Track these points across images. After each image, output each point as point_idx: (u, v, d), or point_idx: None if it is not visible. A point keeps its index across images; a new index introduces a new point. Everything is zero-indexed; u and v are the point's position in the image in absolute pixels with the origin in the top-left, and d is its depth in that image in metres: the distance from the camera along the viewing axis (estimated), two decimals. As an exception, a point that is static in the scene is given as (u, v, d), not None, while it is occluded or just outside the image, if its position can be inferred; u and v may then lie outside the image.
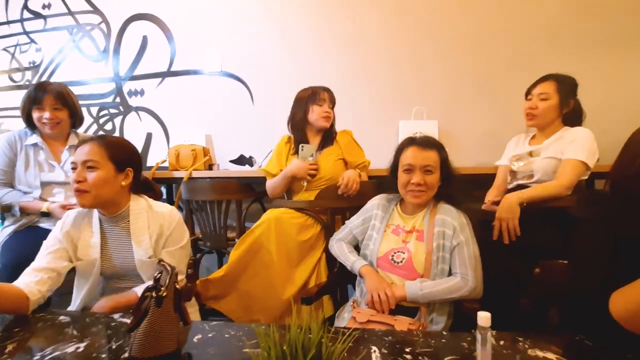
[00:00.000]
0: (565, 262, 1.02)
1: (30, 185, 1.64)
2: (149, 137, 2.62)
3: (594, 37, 2.13)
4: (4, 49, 2.78)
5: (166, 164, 2.28)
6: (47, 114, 1.62)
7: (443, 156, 1.22)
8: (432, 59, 2.30)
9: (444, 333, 0.82)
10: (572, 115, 1.52)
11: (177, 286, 0.73)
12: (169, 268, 0.78)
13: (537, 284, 1.07)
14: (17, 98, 2.76)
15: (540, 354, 0.71)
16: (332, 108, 1.77)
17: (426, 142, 1.22)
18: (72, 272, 1.13)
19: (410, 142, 1.25)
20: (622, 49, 2.11)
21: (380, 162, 2.18)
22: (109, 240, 1.13)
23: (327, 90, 1.77)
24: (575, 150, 1.40)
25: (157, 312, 0.67)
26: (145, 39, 2.58)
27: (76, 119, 1.74)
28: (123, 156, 1.12)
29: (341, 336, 0.57)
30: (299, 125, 1.75)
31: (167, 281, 0.71)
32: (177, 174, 2.14)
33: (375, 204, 1.34)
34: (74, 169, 1.09)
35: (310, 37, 2.40)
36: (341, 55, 2.38)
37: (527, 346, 0.73)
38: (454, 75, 2.28)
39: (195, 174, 2.11)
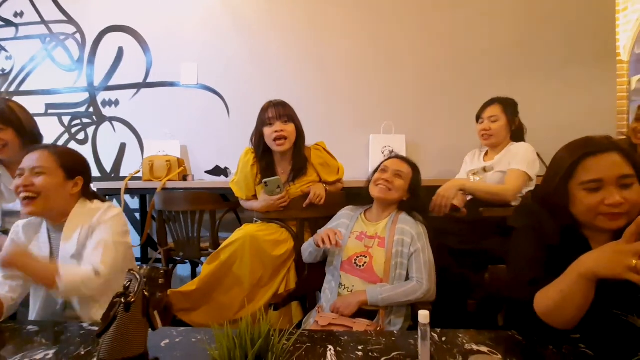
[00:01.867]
0: (508, 266, 1.14)
1: None
2: (122, 147, 2.61)
3: (541, 61, 2.35)
4: (-28, 56, 2.72)
5: (140, 175, 2.29)
6: None
7: (416, 176, 1.39)
8: (401, 76, 2.44)
9: (395, 332, 0.91)
10: (517, 131, 1.72)
11: (146, 293, 0.77)
12: (138, 276, 0.83)
13: (484, 287, 1.18)
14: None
15: (475, 347, 0.80)
16: (289, 122, 1.58)
17: (407, 159, 1.42)
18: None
19: (395, 156, 1.44)
20: (563, 72, 2.33)
21: (351, 173, 2.30)
22: (56, 251, 1.10)
23: (277, 104, 1.59)
24: (518, 162, 1.58)
25: (125, 317, 0.71)
26: (121, 50, 2.60)
27: (26, 136, 1.46)
28: (73, 164, 1.12)
29: (294, 335, 0.64)
30: (258, 151, 1.62)
31: (136, 288, 0.76)
32: (151, 185, 2.15)
33: (342, 214, 1.45)
34: (20, 175, 1.05)
35: (284, 52, 2.50)
36: (313, 71, 2.49)
37: (465, 341, 0.83)
38: (421, 92, 2.43)
39: (169, 185, 2.14)
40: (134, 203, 2.60)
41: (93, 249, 1.05)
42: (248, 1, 2.50)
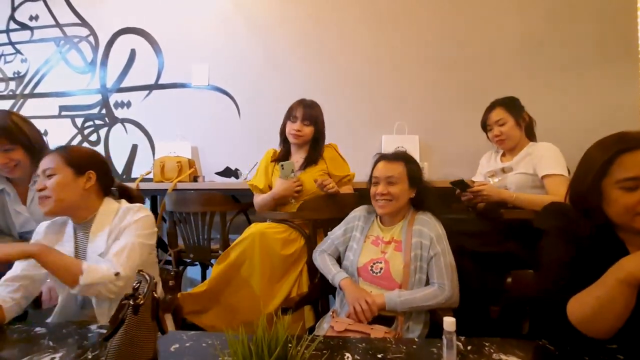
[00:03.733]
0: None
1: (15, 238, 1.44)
2: (134, 148, 2.62)
3: (559, 61, 2.27)
4: (-11, 59, 2.77)
5: (151, 176, 2.29)
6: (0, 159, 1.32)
7: (410, 168, 1.28)
8: (415, 76, 2.39)
9: (416, 340, 0.86)
10: (528, 127, 1.67)
11: (156, 295, 0.74)
12: (147, 277, 0.80)
13: (507, 292, 1.12)
14: (1, 107, 2.75)
15: (504, 357, 0.74)
16: (310, 125, 1.72)
17: (394, 156, 1.30)
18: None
19: (381, 157, 1.33)
20: (585, 71, 2.25)
21: (364, 175, 2.25)
22: (81, 250, 1.11)
23: (305, 105, 1.73)
24: (551, 166, 1.49)
25: (134, 320, 0.68)
26: (133, 52, 2.61)
27: (35, 153, 1.38)
28: (80, 159, 1.12)
29: (313, 343, 0.60)
30: (281, 138, 1.81)
31: (146, 289, 0.73)
32: (162, 186, 2.14)
33: (356, 215, 1.38)
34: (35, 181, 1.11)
35: (295, 53, 2.47)
36: (325, 71, 2.45)
37: (492, 350, 0.77)
38: (435, 92, 2.38)
39: (180, 186, 2.12)
40: (145, 204, 2.59)
41: (119, 251, 1.04)
42: (260, 2, 2.49)
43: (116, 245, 1.04)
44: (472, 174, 1.89)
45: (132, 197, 1.24)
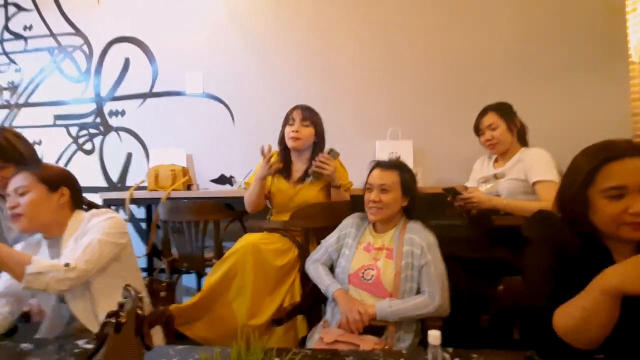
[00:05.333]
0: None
1: None
2: (129, 157, 2.62)
3: (551, 66, 2.28)
4: (-18, 70, 2.77)
5: (145, 184, 2.28)
6: None
7: (404, 177, 1.29)
8: (408, 81, 2.39)
9: (403, 352, 0.85)
10: (520, 132, 1.67)
11: (140, 312, 0.74)
12: (133, 293, 0.79)
13: (498, 300, 1.12)
14: (-6, 118, 2.76)
15: (490, 370, 0.74)
16: (310, 126, 1.68)
17: (388, 164, 1.32)
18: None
19: (376, 164, 1.33)
20: (574, 75, 2.26)
21: (357, 181, 2.25)
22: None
23: (301, 107, 1.71)
24: (542, 172, 1.50)
25: (116, 338, 0.68)
26: (127, 60, 2.62)
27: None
28: (53, 176, 1.14)
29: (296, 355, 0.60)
30: (281, 148, 1.76)
31: (129, 306, 0.72)
32: (156, 195, 2.14)
33: (349, 223, 1.39)
34: (8, 197, 1.11)
35: (288, 60, 2.48)
36: (318, 77, 2.46)
37: (479, 363, 0.77)
38: (429, 97, 2.38)
39: (174, 194, 2.12)
40: (140, 212, 2.59)
41: (78, 247, 1.04)
42: (253, 9, 2.50)
43: (78, 244, 1.05)
44: (467, 179, 1.89)
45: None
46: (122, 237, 1.12)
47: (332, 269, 1.37)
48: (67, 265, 0.96)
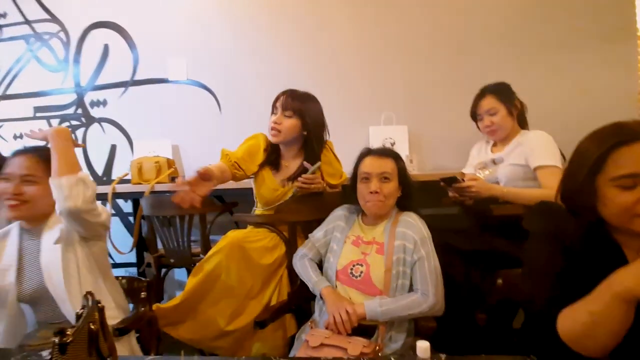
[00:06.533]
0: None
1: None
2: (113, 149, 2.51)
3: (554, 41, 2.15)
4: (-44, 60, 2.64)
5: (129, 177, 2.19)
6: None
7: (400, 165, 1.20)
8: (401, 64, 2.28)
9: (392, 359, 0.78)
10: (520, 114, 1.56)
11: (93, 327, 0.66)
12: (90, 303, 0.71)
13: (496, 294, 1.04)
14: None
15: (487, 381, 0.67)
16: (294, 117, 1.47)
17: (382, 151, 1.23)
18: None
19: (368, 152, 1.24)
20: (579, 52, 2.13)
21: (348, 169, 2.15)
22: (25, 258, 1.07)
23: (288, 93, 1.51)
24: (543, 157, 1.40)
25: (61, 359, 0.60)
26: (106, 47, 2.48)
27: None
28: None
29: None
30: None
31: (81, 322, 0.64)
32: (141, 188, 2.05)
33: (337, 215, 1.31)
34: (6, 180, 1.04)
35: (278, 43, 2.35)
36: (308, 61, 2.34)
37: (474, 372, 0.70)
38: (424, 80, 2.27)
39: (158, 188, 2.03)
40: (127, 206, 2.51)
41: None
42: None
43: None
44: (464, 165, 1.80)
45: None
46: (106, 213, 1.13)
47: (321, 264, 1.30)
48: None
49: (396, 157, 1.22)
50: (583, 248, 0.74)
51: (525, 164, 1.44)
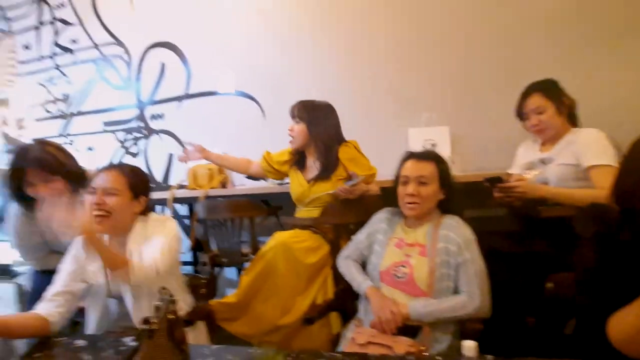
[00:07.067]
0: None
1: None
2: (170, 157, 2.75)
3: (602, 33, 1.99)
4: (39, 84, 3.04)
5: (186, 184, 2.39)
6: (40, 191, 1.32)
7: (442, 168, 1.21)
8: (442, 62, 2.24)
9: (437, 358, 0.81)
10: (571, 112, 1.49)
11: (171, 316, 0.77)
12: (166, 298, 0.83)
13: (546, 299, 1.03)
14: (52, 128, 3.03)
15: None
16: (301, 122, 1.64)
17: (423, 155, 1.24)
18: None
19: (409, 155, 1.27)
20: (629, 43, 1.96)
21: (388, 172, 2.17)
22: None
23: (300, 102, 1.70)
24: (597, 155, 1.33)
25: (150, 344, 0.71)
26: (163, 65, 2.73)
27: (73, 178, 1.40)
28: (139, 184, 1.20)
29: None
30: None
31: (162, 313, 0.75)
32: (196, 193, 2.23)
33: (380, 218, 1.35)
34: (92, 193, 1.14)
35: (316, 48, 2.43)
36: (346, 65, 2.38)
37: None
38: (465, 78, 2.21)
39: (212, 192, 2.20)
40: (183, 210, 2.73)
41: (151, 246, 1.13)
42: (279, 4, 2.47)
43: (149, 244, 1.13)
44: (509, 166, 1.74)
45: None
46: (180, 242, 1.22)
47: (364, 265, 1.35)
48: (155, 261, 1.07)
49: (438, 160, 1.23)
50: (637, 252, 0.72)
51: (576, 163, 1.37)
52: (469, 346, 0.64)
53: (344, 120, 1.81)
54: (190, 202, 2.52)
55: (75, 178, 1.41)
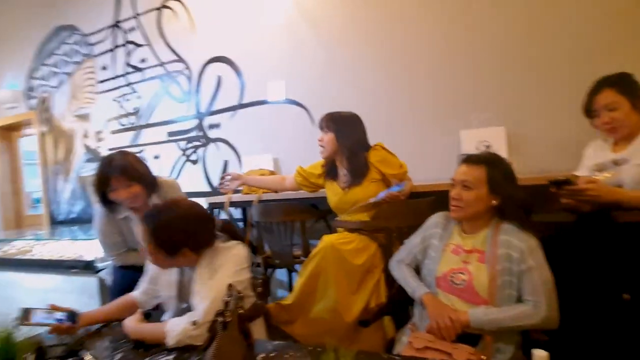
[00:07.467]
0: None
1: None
2: (225, 164, 2.93)
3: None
4: (114, 100, 3.41)
5: (240, 188, 2.53)
6: (123, 195, 1.52)
7: (493, 173, 1.16)
8: (495, 58, 2.13)
9: (502, 367, 0.79)
10: None
11: (241, 311, 0.84)
12: (235, 293, 0.90)
13: (623, 311, 0.95)
14: (124, 139, 3.37)
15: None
16: (329, 132, 1.72)
17: (474, 158, 1.21)
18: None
19: (463, 159, 1.24)
20: None
21: (438, 175, 2.12)
22: (185, 282, 1.22)
23: (327, 114, 1.78)
24: None
25: (223, 335, 0.78)
26: (219, 78, 2.93)
27: (148, 184, 1.58)
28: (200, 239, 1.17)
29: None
30: None
31: (232, 307, 0.83)
32: (250, 197, 2.36)
33: (434, 222, 1.33)
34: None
35: (366, 57, 2.45)
36: (394, 69, 2.38)
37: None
38: (522, 74, 2.09)
39: (264, 197, 2.30)
40: (237, 213, 2.89)
41: (205, 296, 1.07)
42: (325, 8, 2.54)
43: (206, 288, 1.09)
44: (574, 167, 1.62)
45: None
46: (245, 271, 1.19)
47: (417, 270, 1.33)
48: (194, 322, 1.00)
49: (490, 165, 1.17)
50: None
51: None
52: (540, 356, 0.62)
53: (391, 125, 1.82)
54: (244, 206, 2.66)
55: (150, 184, 1.58)
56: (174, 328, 1.01)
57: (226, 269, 1.13)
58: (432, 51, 2.29)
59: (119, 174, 1.50)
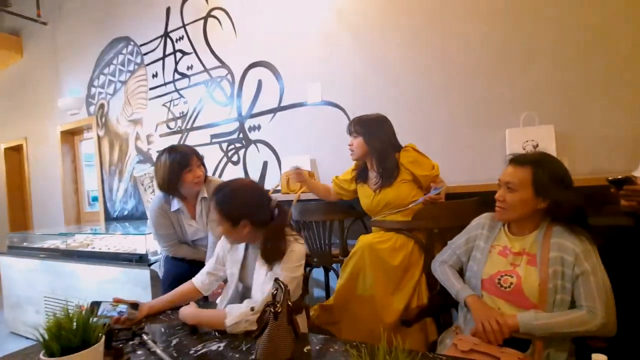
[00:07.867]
0: None
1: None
2: (265, 165, 3.03)
3: None
4: (163, 105, 3.64)
5: (279, 188, 2.61)
6: (198, 172, 1.74)
7: (539, 175, 1.10)
8: (542, 54, 2.04)
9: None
10: None
11: (289, 303, 0.88)
12: (282, 286, 0.95)
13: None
14: (172, 141, 3.59)
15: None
16: (358, 136, 1.74)
17: (520, 159, 1.16)
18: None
19: (510, 159, 1.21)
20: None
21: (483, 175, 2.06)
22: (249, 264, 1.32)
23: (355, 118, 1.80)
24: None
25: (274, 324, 0.83)
26: (260, 82, 3.03)
27: (206, 172, 1.84)
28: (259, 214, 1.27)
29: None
30: None
31: (282, 298, 0.87)
32: (289, 197, 2.42)
33: (479, 223, 1.30)
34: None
35: (404, 57, 2.44)
36: (433, 67, 2.34)
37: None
38: (571, 70, 1.97)
39: (303, 196, 2.36)
40: (276, 212, 2.97)
41: (264, 284, 1.17)
42: (361, 11, 2.55)
43: (269, 277, 1.16)
44: (633, 168, 1.50)
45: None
46: (300, 268, 1.25)
47: (460, 272, 1.31)
48: (252, 308, 1.07)
49: (537, 166, 1.11)
50: None
51: None
52: (597, 360, 0.60)
53: (432, 126, 1.79)
54: (284, 205, 2.73)
55: (206, 171, 1.85)
56: (234, 311, 1.09)
57: (285, 262, 1.20)
58: (476, 50, 2.22)
59: (195, 155, 1.76)
